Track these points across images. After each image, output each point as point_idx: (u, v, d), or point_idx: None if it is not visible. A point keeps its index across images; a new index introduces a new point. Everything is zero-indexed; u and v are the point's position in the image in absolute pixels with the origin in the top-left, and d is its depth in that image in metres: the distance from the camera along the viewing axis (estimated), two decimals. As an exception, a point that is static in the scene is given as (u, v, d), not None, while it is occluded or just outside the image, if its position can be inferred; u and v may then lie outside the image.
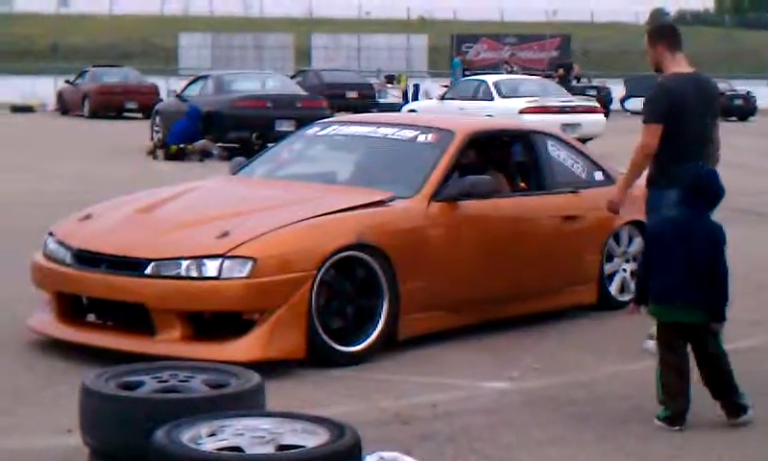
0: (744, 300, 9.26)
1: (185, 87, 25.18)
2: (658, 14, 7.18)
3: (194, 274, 6.84)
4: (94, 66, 38.55)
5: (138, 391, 4.69)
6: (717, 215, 6.26)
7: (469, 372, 6.98)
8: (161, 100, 29.96)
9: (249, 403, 4.58)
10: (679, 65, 7.42)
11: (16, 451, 5.46)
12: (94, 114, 34.29)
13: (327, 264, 6.95)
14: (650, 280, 6.02)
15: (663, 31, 7.60)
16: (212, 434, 4.23)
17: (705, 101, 7.39)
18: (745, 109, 39.34)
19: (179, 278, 6.86)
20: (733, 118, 38.94)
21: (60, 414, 5.88)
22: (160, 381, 4.77)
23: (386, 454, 4.57)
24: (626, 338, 7.81)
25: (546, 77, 32.92)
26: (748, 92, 39.92)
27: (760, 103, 40.55)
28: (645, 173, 7.38)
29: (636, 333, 7.80)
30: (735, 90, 40.73)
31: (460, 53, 43.76)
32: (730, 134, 21.55)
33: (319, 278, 6.91)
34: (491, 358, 7.30)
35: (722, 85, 40.79)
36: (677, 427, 5.94)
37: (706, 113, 7.38)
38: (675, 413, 5.96)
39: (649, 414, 6.17)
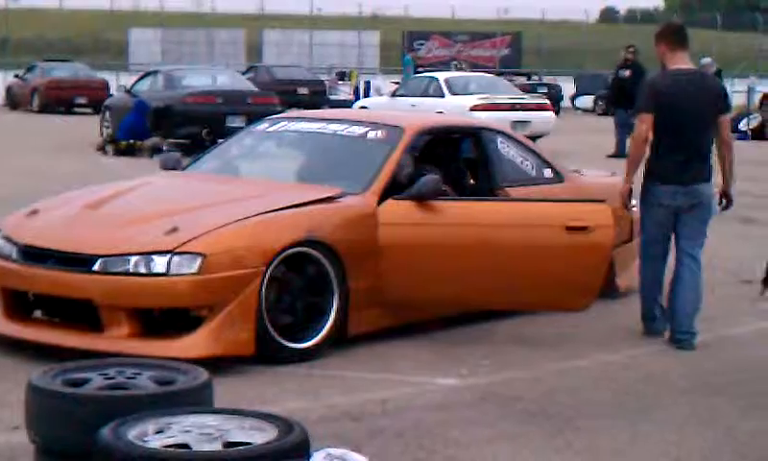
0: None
1: (135, 83, 25.03)
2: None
3: (142, 270, 6.81)
4: (44, 60, 38.27)
5: (85, 388, 4.65)
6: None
7: (419, 368, 6.99)
8: (111, 95, 29.75)
9: (196, 400, 4.56)
10: (677, 63, 7.78)
11: (-39, 449, 5.41)
12: (43, 109, 34.05)
13: (277, 260, 6.94)
14: None
15: (664, 31, 8.00)
16: (159, 431, 4.21)
17: (701, 98, 7.66)
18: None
19: (127, 274, 6.82)
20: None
21: (5, 411, 5.83)
22: (107, 378, 4.74)
23: (334, 451, 4.56)
24: (575, 334, 7.86)
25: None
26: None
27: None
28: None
29: (585, 329, 7.85)
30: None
31: (411, 50, 43.77)
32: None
33: (268, 274, 6.89)
34: (440, 355, 7.31)
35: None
36: None
37: (702, 110, 7.65)
38: None
39: (598, 409, 6.22)
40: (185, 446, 4.13)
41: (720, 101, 7.85)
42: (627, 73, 22.23)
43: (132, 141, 21.19)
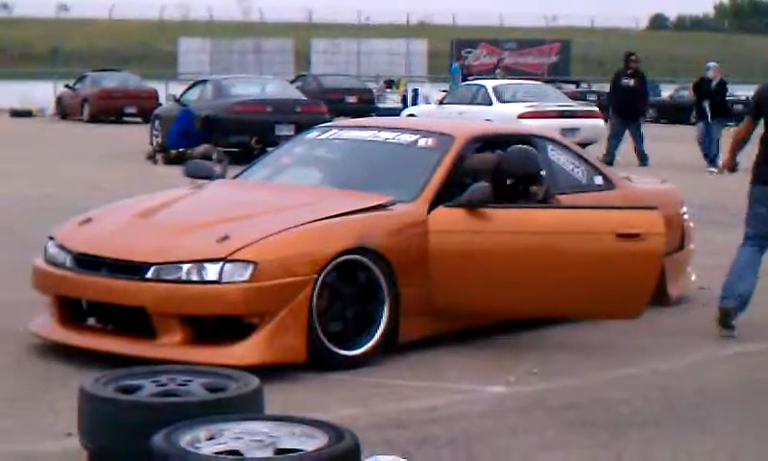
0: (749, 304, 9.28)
1: (184, 92, 25.19)
2: None
3: (195, 277, 6.85)
4: (93, 71, 38.55)
5: (137, 394, 4.69)
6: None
7: (467, 376, 6.98)
8: (161, 104, 29.95)
9: (247, 407, 4.59)
10: None
11: (16, 455, 5.46)
12: (93, 119, 34.29)
13: (328, 268, 6.96)
14: None
15: None
16: (211, 438, 4.24)
17: None
18: (745, 114, 39.37)
19: (179, 281, 6.87)
20: (733, 123, 38.95)
21: (58, 418, 5.88)
22: (159, 385, 4.78)
23: (384, 458, 4.58)
24: (625, 342, 7.81)
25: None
26: (747, 97, 39.94)
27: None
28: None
29: (635, 337, 7.81)
30: (735, 95, 40.75)
31: (459, 58, 43.79)
32: (730, 139, 21.61)
33: (319, 281, 6.91)
34: (489, 362, 7.30)
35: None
36: None
37: None
38: None
39: (648, 419, 6.18)
40: (237, 452, 4.16)
41: None
42: (631, 82, 22.03)
43: (182, 150, 21.32)
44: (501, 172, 8.12)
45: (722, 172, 9.01)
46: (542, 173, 8.32)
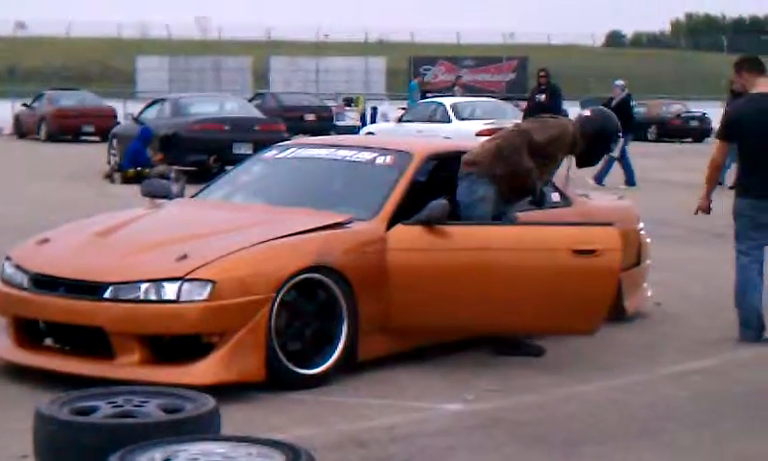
0: (704, 318, 9.37)
1: (143, 111, 25.12)
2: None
3: (153, 297, 6.84)
4: (51, 89, 38.39)
5: (92, 416, 4.67)
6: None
7: (426, 394, 7.00)
8: (119, 123, 29.86)
9: (204, 428, 4.57)
10: (760, 87, 8.61)
11: (-28, 477, 5.42)
12: (51, 138, 34.14)
13: (286, 287, 6.97)
14: None
15: (745, 61, 8.85)
16: (167, 459, 4.22)
17: None
18: (700, 131, 39.71)
19: (137, 301, 6.86)
20: (689, 139, 39.30)
21: (14, 439, 5.84)
22: (115, 406, 4.75)
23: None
24: (581, 358, 7.86)
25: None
26: (703, 114, 40.32)
27: (715, 124, 40.89)
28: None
29: (591, 352, 7.86)
30: (691, 112, 41.11)
31: (417, 75, 43.93)
32: (685, 156, 21.77)
33: (278, 300, 6.92)
34: (447, 380, 7.33)
35: (677, 107, 41.32)
36: None
37: None
38: None
39: (603, 435, 6.22)
40: (194, 473, 4.13)
41: None
42: (543, 97, 21.98)
43: (139, 169, 21.25)
44: (585, 130, 8.33)
45: (696, 213, 8.99)
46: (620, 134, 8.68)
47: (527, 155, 8.03)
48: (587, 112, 8.46)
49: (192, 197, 8.94)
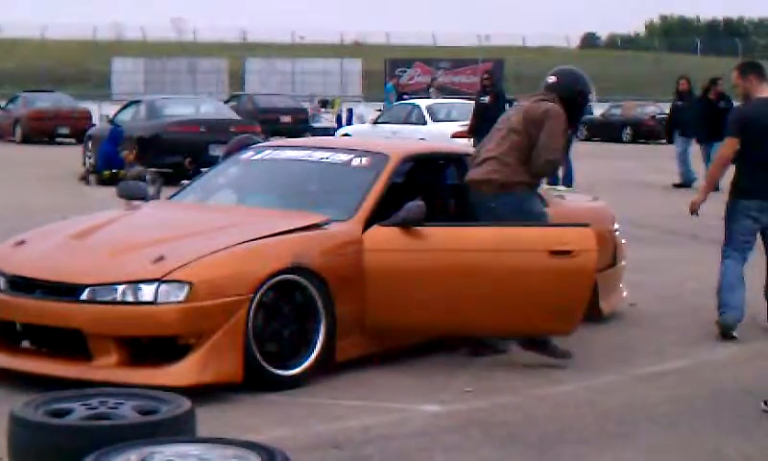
0: (679, 319, 9.41)
1: (118, 112, 25.06)
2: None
3: (130, 299, 6.84)
4: (26, 91, 38.22)
5: (67, 419, 4.66)
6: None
7: (402, 395, 7.02)
8: (94, 125, 29.76)
9: (179, 430, 4.57)
10: (764, 92, 8.84)
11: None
12: (26, 140, 34.00)
13: (263, 288, 6.97)
14: None
15: (750, 65, 9.10)
16: (141, 461, 4.21)
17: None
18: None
19: (114, 303, 6.86)
20: (663, 141, 39.42)
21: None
22: (90, 409, 4.74)
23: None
24: (555, 360, 7.87)
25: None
26: (677, 115, 40.38)
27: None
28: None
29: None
30: (666, 113, 41.23)
31: (393, 77, 43.95)
32: (660, 157, 21.87)
33: (255, 301, 6.92)
34: (423, 381, 7.34)
35: (652, 108, 41.46)
36: None
37: None
38: None
39: (580, 435, 6.24)
40: (168, 475, 4.13)
41: None
42: (487, 99, 21.87)
43: (114, 171, 21.20)
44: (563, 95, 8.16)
45: (694, 214, 9.13)
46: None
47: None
48: (552, 79, 8.28)
49: (168, 199, 8.93)
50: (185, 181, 9.88)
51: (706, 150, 20.71)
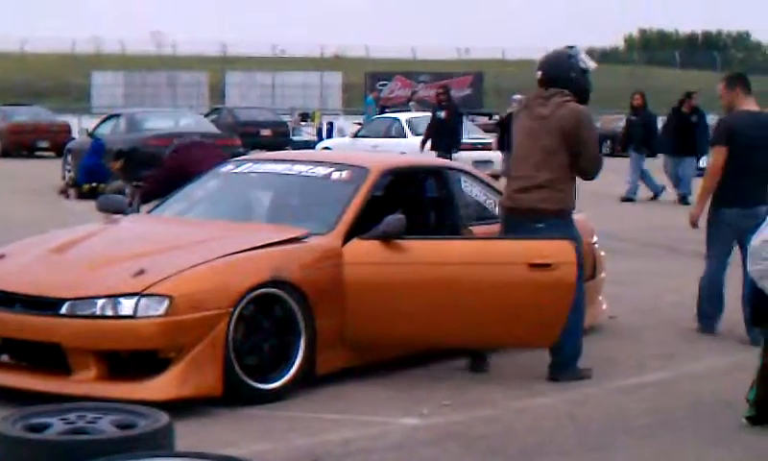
0: (659, 331, 9.45)
1: (97, 126, 25.01)
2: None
3: (110, 313, 6.82)
4: (5, 105, 38.12)
5: (45, 433, 4.64)
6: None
7: (381, 408, 7.02)
8: (73, 138, 29.69)
9: (157, 444, 4.56)
10: (749, 105, 9.15)
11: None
12: (5, 153, 33.90)
13: (244, 301, 6.97)
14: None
15: (737, 78, 9.37)
16: (120, 476, 4.20)
17: (764, 135, 9.03)
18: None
19: (94, 317, 6.84)
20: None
21: (-30, 457, 5.79)
22: (68, 423, 4.73)
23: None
24: (536, 371, 7.89)
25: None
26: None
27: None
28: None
29: (546, 366, 7.89)
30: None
31: (373, 90, 43.97)
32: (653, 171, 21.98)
33: (235, 315, 6.92)
34: (402, 394, 7.34)
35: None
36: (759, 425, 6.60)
37: (764, 144, 9.01)
38: (760, 414, 6.60)
39: (559, 448, 6.25)
40: (146, 490, 4.12)
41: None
42: (443, 114, 21.72)
43: (94, 184, 21.14)
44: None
45: (695, 226, 9.46)
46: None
47: None
48: (538, 74, 8.05)
49: (148, 212, 8.92)
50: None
51: (674, 163, 20.78)
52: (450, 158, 21.28)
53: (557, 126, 7.82)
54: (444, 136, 20.82)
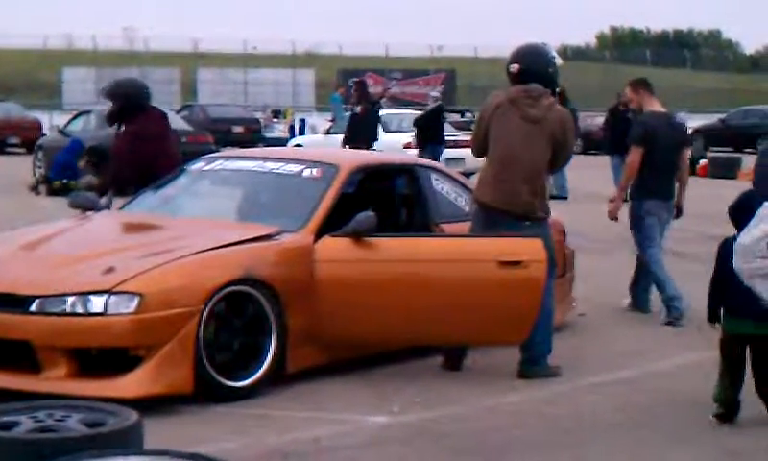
0: (627, 329, 9.48)
1: (68, 122, 24.89)
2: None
3: (80, 310, 6.81)
4: (-25, 101, 37.91)
5: (13, 431, 4.63)
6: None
7: (351, 406, 7.03)
8: (44, 135, 29.56)
9: (126, 442, 4.55)
10: (655, 106, 10.12)
11: None
12: (-25, 149, 33.72)
13: (215, 299, 6.97)
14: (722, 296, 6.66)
15: (642, 82, 10.28)
16: (88, 473, 4.19)
17: (672, 134, 10.02)
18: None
19: (64, 314, 6.82)
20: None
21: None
22: (36, 421, 4.71)
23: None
24: (506, 369, 7.92)
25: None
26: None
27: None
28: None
29: (516, 365, 7.92)
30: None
31: (340, 86, 43.80)
32: (610, 169, 22.01)
33: (206, 312, 6.92)
34: (372, 392, 7.36)
35: (602, 119, 41.67)
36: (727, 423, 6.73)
37: (673, 143, 9.99)
38: (728, 411, 6.73)
39: (527, 446, 6.28)
40: (115, 488, 4.11)
41: (687, 137, 10.59)
42: (359, 109, 21.56)
43: (65, 181, 21.06)
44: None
45: (615, 219, 10.31)
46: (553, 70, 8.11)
47: None
48: (515, 67, 7.98)
49: (119, 209, 8.89)
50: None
51: (614, 161, 20.83)
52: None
53: (549, 131, 7.87)
54: (361, 131, 20.81)
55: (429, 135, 21.47)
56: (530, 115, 7.84)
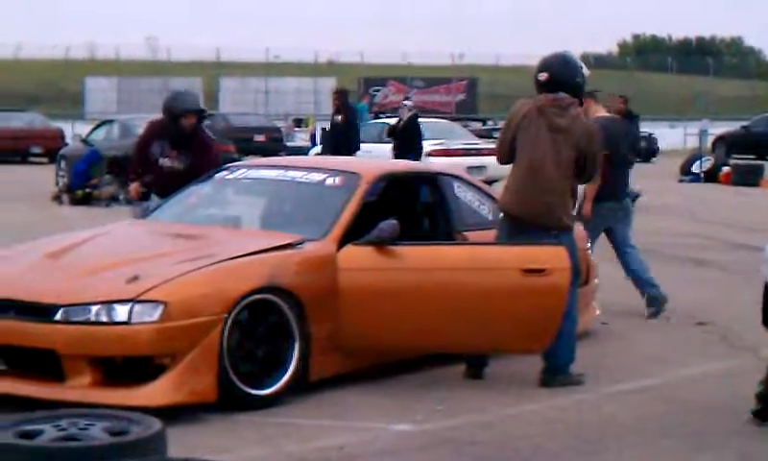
0: (650, 337, 9.44)
1: (91, 132, 24.99)
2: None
3: (104, 319, 6.83)
4: (-1, 110, 38.06)
5: (37, 440, 4.64)
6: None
7: (374, 414, 7.03)
8: (67, 144, 29.67)
9: (150, 450, 4.55)
10: (600, 111, 10.68)
11: None
12: (-1, 159, 33.85)
13: (238, 307, 6.98)
14: None
15: (589, 93, 10.11)
16: (112, 482, 4.20)
17: (621, 136, 10.64)
18: (647, 151, 40.00)
19: (89, 323, 6.84)
20: (637, 159, 39.54)
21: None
22: (60, 429, 4.72)
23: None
24: (529, 377, 7.90)
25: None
26: (650, 134, 40.60)
27: (662, 144, 41.36)
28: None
29: (538, 373, 7.90)
30: (642, 131, 41.38)
31: (366, 95, 43.82)
32: (633, 175, 22.07)
33: (230, 321, 6.93)
34: (395, 400, 7.36)
35: (625, 127, 41.59)
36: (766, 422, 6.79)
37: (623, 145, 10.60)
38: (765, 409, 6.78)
39: (550, 454, 6.26)
40: (138, 496, 4.12)
41: (636, 140, 11.30)
42: (339, 118, 21.30)
43: (88, 191, 21.14)
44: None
45: (583, 221, 10.16)
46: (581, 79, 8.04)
47: None
48: (543, 76, 7.93)
49: (143, 217, 8.93)
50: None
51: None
52: None
53: (575, 142, 7.87)
54: (342, 141, 20.32)
55: (406, 146, 21.06)
56: (557, 125, 7.83)
